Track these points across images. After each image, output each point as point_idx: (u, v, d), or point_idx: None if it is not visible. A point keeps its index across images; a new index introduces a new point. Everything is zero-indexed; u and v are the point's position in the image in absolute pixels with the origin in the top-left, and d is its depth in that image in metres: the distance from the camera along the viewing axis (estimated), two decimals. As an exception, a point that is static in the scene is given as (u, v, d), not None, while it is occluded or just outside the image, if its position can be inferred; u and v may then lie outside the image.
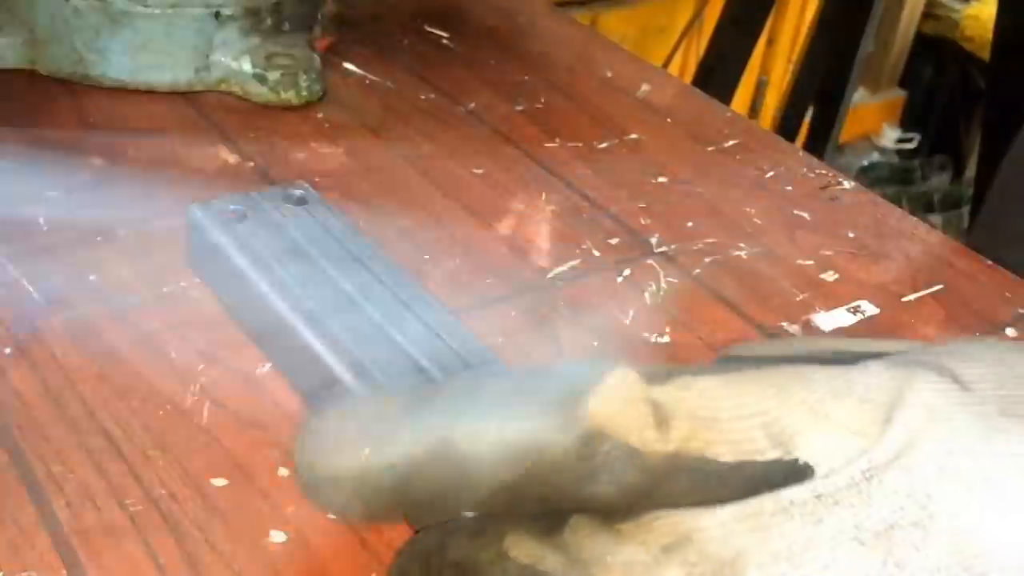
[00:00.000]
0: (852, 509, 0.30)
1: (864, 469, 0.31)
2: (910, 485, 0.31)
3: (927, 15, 2.74)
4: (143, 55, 0.72)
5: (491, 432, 0.33)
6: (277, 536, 0.44)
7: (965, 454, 0.32)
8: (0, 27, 0.73)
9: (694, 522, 0.30)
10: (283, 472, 0.47)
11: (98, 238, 0.59)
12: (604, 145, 0.73)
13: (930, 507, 0.31)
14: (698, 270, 0.62)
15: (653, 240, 0.64)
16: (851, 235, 0.67)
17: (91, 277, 0.56)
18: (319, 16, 0.79)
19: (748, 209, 0.68)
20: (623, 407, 0.32)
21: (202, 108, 0.72)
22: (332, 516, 0.43)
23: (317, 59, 0.74)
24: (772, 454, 0.31)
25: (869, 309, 0.61)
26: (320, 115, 0.73)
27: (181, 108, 0.71)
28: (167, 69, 0.73)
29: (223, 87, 0.74)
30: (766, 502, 0.30)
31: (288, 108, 0.73)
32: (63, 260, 0.57)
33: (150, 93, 0.72)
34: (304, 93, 0.73)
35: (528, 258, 0.62)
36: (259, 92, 0.72)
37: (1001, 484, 0.31)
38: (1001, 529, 0.30)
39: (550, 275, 0.61)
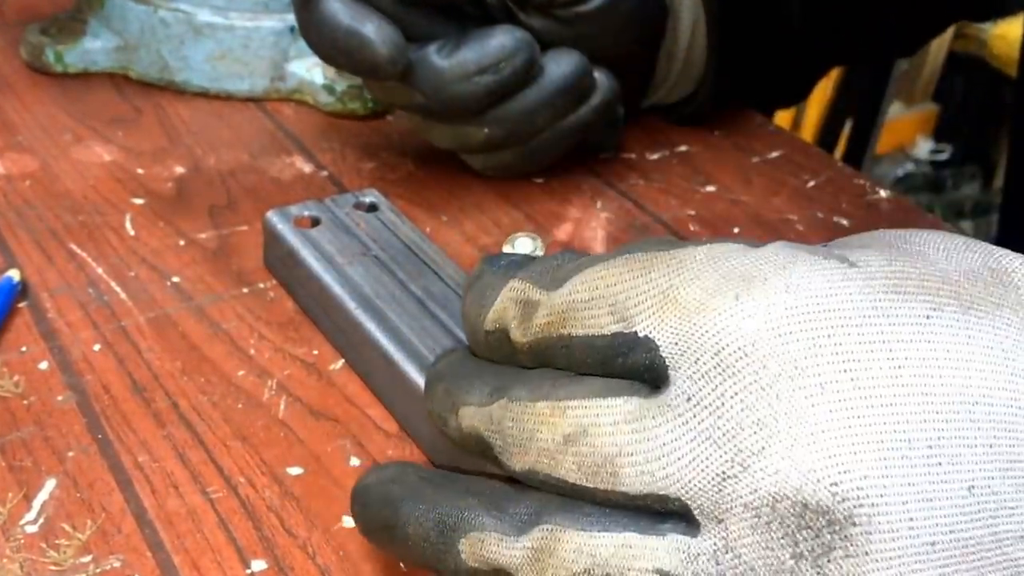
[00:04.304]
0: (709, 409, 0.31)
1: (716, 362, 0.32)
2: (758, 380, 0.31)
3: (958, 35, 2.72)
4: (223, 64, 0.72)
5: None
6: (348, 521, 0.44)
7: (827, 343, 0.31)
8: (96, 34, 0.73)
9: (594, 417, 0.34)
10: (354, 462, 0.46)
11: (181, 242, 0.59)
12: (655, 156, 0.73)
13: (776, 406, 0.31)
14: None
15: (702, 245, 0.63)
16: (890, 241, 0.66)
17: (174, 279, 0.56)
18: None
19: (790, 216, 0.68)
20: (502, 307, 0.38)
21: (279, 120, 0.72)
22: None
23: (386, 74, 0.74)
24: (613, 328, 0.34)
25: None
26: (390, 128, 0.73)
27: (259, 120, 0.71)
28: (245, 78, 0.73)
29: (297, 96, 0.74)
30: (648, 405, 0.33)
31: (359, 120, 0.72)
32: (148, 263, 0.57)
33: (229, 103, 0.73)
34: (370, 104, 0.73)
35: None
36: (327, 102, 0.72)
37: (858, 386, 0.31)
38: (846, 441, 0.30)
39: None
